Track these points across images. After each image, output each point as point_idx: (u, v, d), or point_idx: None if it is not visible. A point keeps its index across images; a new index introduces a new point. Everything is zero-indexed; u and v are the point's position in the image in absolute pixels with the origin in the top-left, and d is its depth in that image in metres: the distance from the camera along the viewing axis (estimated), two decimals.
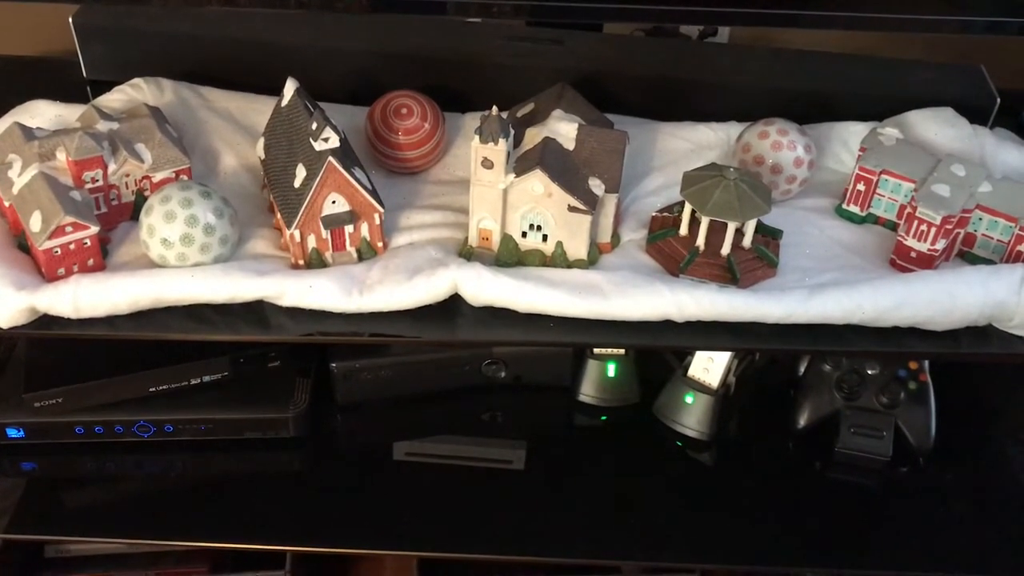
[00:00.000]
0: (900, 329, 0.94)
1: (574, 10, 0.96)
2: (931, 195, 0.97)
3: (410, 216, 1.01)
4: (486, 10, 1.00)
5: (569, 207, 0.93)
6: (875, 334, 0.94)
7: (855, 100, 1.14)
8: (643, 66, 1.17)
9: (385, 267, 0.95)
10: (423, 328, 0.93)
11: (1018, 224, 0.96)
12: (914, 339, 0.94)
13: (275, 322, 0.93)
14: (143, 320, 0.91)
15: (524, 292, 0.92)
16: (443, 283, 0.92)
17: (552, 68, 1.15)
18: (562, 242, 0.95)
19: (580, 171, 0.95)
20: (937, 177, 0.99)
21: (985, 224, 0.99)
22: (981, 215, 0.98)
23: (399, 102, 1.05)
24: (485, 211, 0.95)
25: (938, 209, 0.95)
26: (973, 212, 0.98)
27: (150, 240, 0.90)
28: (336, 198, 0.92)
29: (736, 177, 0.94)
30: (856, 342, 0.93)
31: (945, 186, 0.98)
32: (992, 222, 0.98)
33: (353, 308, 0.92)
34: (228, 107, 1.10)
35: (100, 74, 1.20)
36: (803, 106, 1.14)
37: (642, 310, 0.92)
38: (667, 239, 1.00)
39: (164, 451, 1.13)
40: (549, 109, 0.99)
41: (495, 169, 0.92)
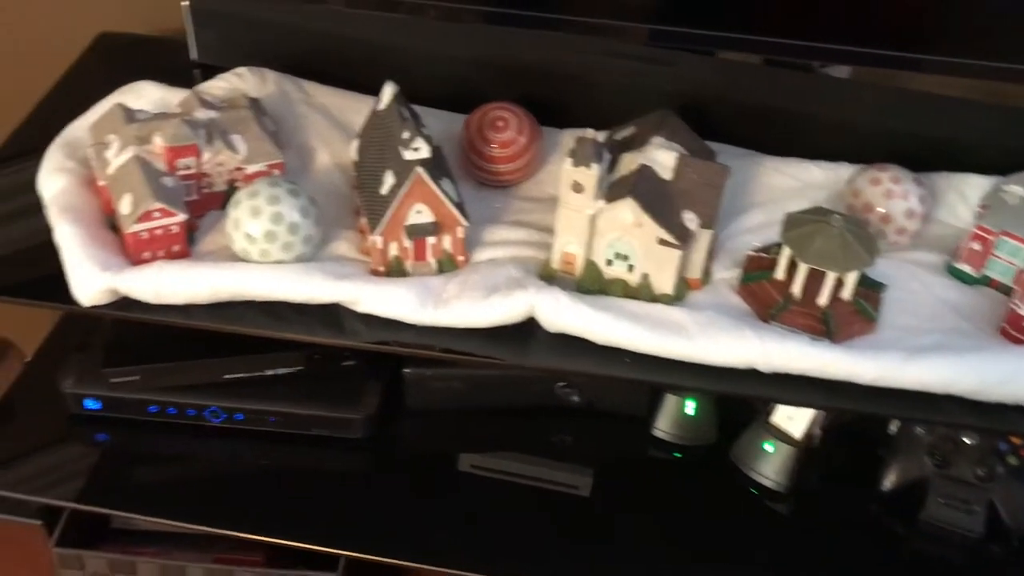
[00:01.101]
0: (1005, 404, 0.87)
1: (693, 36, 0.94)
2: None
3: (495, 231, 0.99)
4: (600, 30, 0.98)
5: (659, 240, 0.89)
6: (976, 407, 0.87)
7: (979, 149, 1.07)
8: (753, 94, 1.12)
9: (463, 282, 0.93)
10: (495, 348, 0.91)
11: None
12: (1020, 416, 0.87)
13: (349, 326, 0.92)
14: (220, 311, 0.91)
15: (602, 323, 0.89)
16: (520, 305, 0.90)
17: (659, 90, 1.11)
18: (648, 274, 0.92)
19: (675, 203, 0.91)
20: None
21: None
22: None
23: (496, 114, 1.03)
24: (571, 235, 0.92)
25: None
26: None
27: (235, 233, 0.90)
28: (421, 208, 0.91)
29: (842, 225, 0.89)
30: (954, 413, 0.87)
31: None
32: None
33: (427, 321, 0.90)
34: (327, 103, 1.10)
35: (208, 58, 1.21)
36: (921, 151, 1.07)
37: (726, 355, 0.88)
38: (761, 282, 0.95)
39: (231, 438, 1.14)
40: (649, 135, 0.95)
41: (585, 194, 0.88)
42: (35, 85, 1.19)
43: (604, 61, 1.12)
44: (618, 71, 1.12)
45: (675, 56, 1.12)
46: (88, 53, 1.25)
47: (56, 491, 1.09)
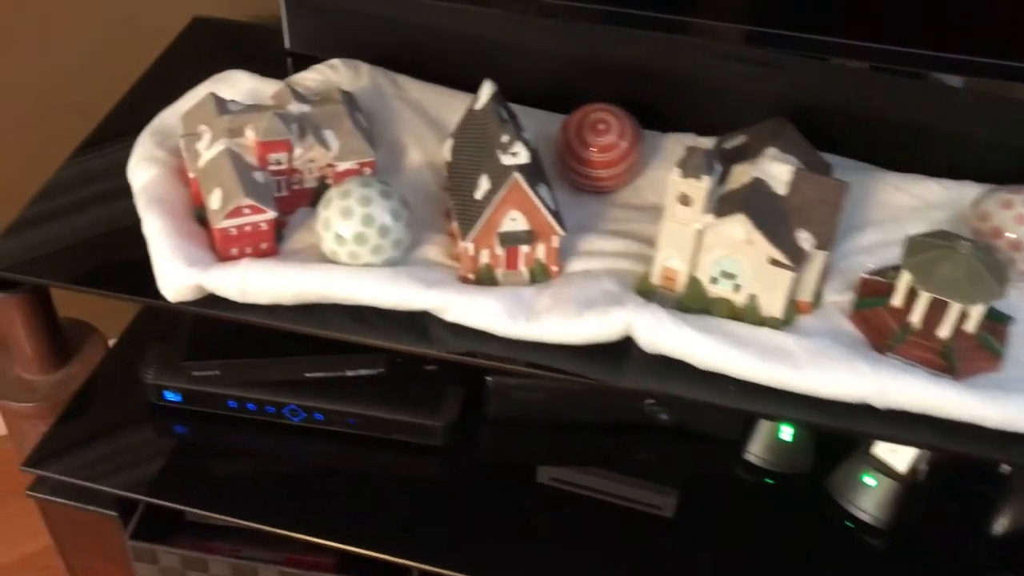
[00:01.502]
0: None
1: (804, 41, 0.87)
2: None
3: (591, 240, 0.94)
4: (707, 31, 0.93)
5: (770, 260, 0.83)
6: None
7: None
8: (870, 104, 1.04)
9: (557, 295, 0.88)
10: (587, 366, 0.86)
11: None
12: None
13: (435, 334, 0.88)
14: (305, 313, 0.88)
15: (706, 347, 0.83)
16: (616, 323, 0.85)
17: (768, 95, 1.05)
18: (756, 296, 0.86)
19: (789, 220, 0.85)
20: None
21: None
22: None
23: (597, 116, 0.98)
24: (674, 250, 0.86)
25: None
26: None
27: (325, 233, 0.87)
28: (516, 216, 0.86)
29: (970, 251, 0.82)
30: None
31: None
32: None
33: (517, 334, 0.86)
34: (421, 99, 1.06)
35: (302, 47, 1.19)
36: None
37: (837, 388, 0.82)
38: (877, 308, 0.88)
39: (309, 437, 1.12)
40: (763, 146, 0.89)
41: (693, 207, 0.83)
42: (128, 69, 1.17)
43: (711, 62, 1.06)
44: (726, 74, 1.05)
45: (786, 60, 1.06)
46: (182, 38, 1.23)
47: (132, 483, 1.08)
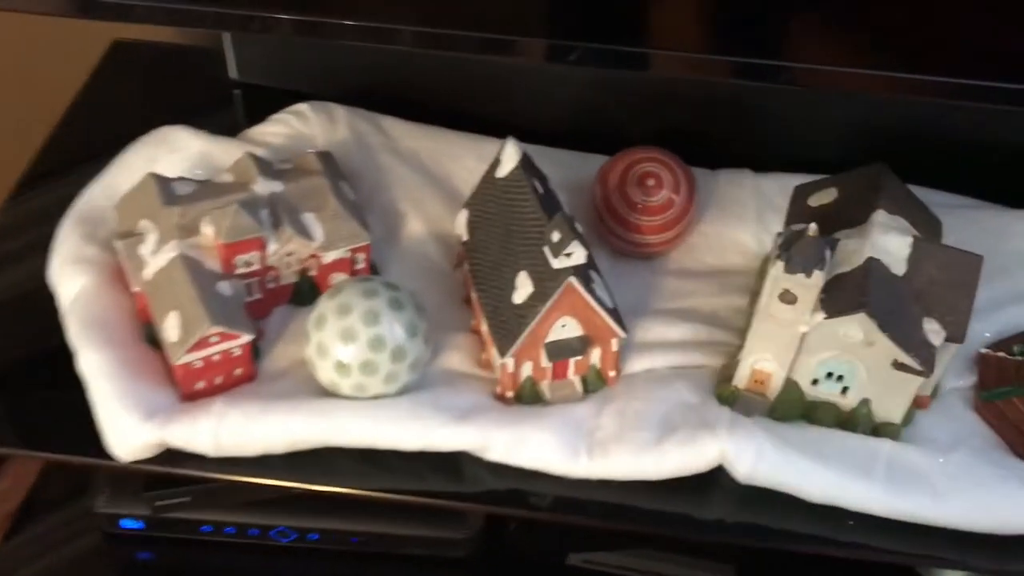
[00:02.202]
0: None
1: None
2: None
3: (647, 327, 0.76)
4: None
5: (895, 363, 0.66)
6: None
7: None
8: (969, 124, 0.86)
9: (621, 412, 0.70)
10: (666, 502, 0.69)
11: None
12: None
13: (471, 473, 0.70)
14: (303, 462, 0.69)
15: (820, 479, 0.66)
16: (707, 454, 0.67)
17: (839, 120, 0.87)
18: (870, 400, 0.69)
19: (912, 310, 0.67)
20: None
21: None
22: None
23: (645, 169, 0.78)
24: (768, 352, 0.69)
25: None
26: None
27: (320, 361, 0.67)
28: (567, 321, 0.67)
29: None
30: None
31: None
32: None
33: (580, 474, 0.68)
34: (416, 148, 0.85)
35: (252, 76, 0.97)
36: None
37: (988, 520, 0.65)
38: (1011, 400, 0.72)
39: (306, 558, 0.93)
40: (863, 204, 0.71)
41: (798, 306, 0.65)
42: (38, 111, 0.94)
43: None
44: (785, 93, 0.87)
45: None
46: (102, 68, 1.00)
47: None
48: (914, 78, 0.66)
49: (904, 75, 0.66)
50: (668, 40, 0.65)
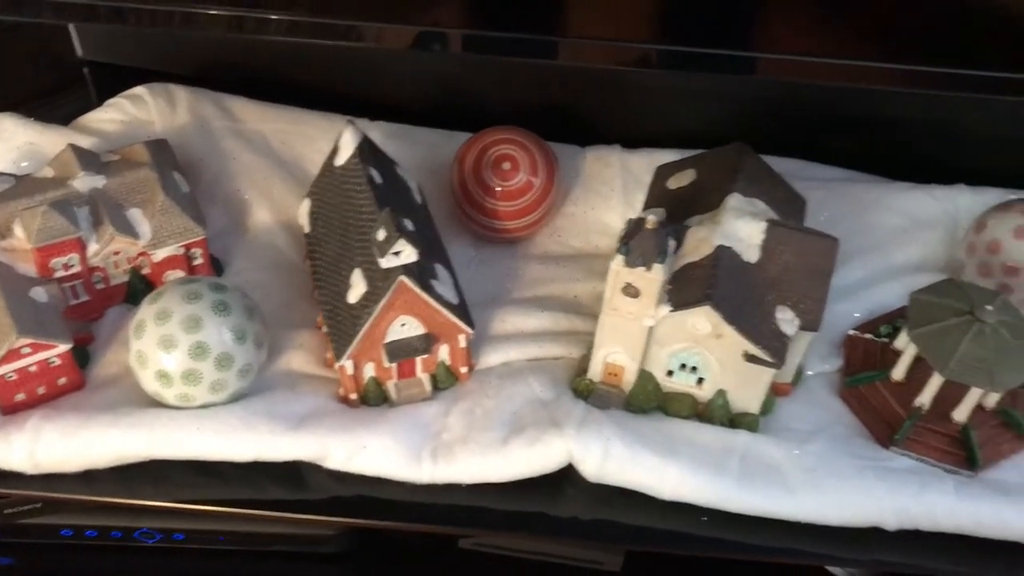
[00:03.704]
0: None
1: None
2: None
3: (504, 316, 0.72)
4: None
5: (746, 355, 0.63)
6: None
7: None
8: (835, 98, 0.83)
9: (470, 412, 0.67)
10: (516, 501, 0.66)
11: None
12: None
13: (314, 481, 0.66)
14: (132, 475, 0.65)
15: (671, 477, 0.63)
16: (553, 455, 0.64)
17: (711, 93, 0.83)
18: (726, 391, 0.67)
19: (765, 298, 0.65)
20: None
21: None
22: None
23: (500, 152, 0.74)
24: (618, 345, 0.66)
25: None
26: None
27: (141, 371, 0.63)
28: (407, 320, 0.64)
29: (996, 321, 0.63)
30: None
31: None
32: None
33: (424, 479, 0.65)
34: (265, 131, 0.80)
35: (99, 54, 0.90)
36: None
37: (843, 513, 0.63)
38: (874, 384, 0.70)
39: (174, 557, 0.90)
40: (719, 187, 0.68)
41: (643, 299, 0.62)
42: None
43: None
44: None
45: None
46: None
47: None
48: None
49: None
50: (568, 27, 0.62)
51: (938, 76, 0.64)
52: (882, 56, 0.63)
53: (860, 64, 0.64)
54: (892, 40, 0.63)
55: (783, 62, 0.66)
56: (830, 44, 0.64)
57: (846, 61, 0.65)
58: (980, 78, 0.63)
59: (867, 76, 0.65)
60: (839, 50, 0.64)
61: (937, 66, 0.65)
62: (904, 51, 0.63)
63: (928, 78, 0.66)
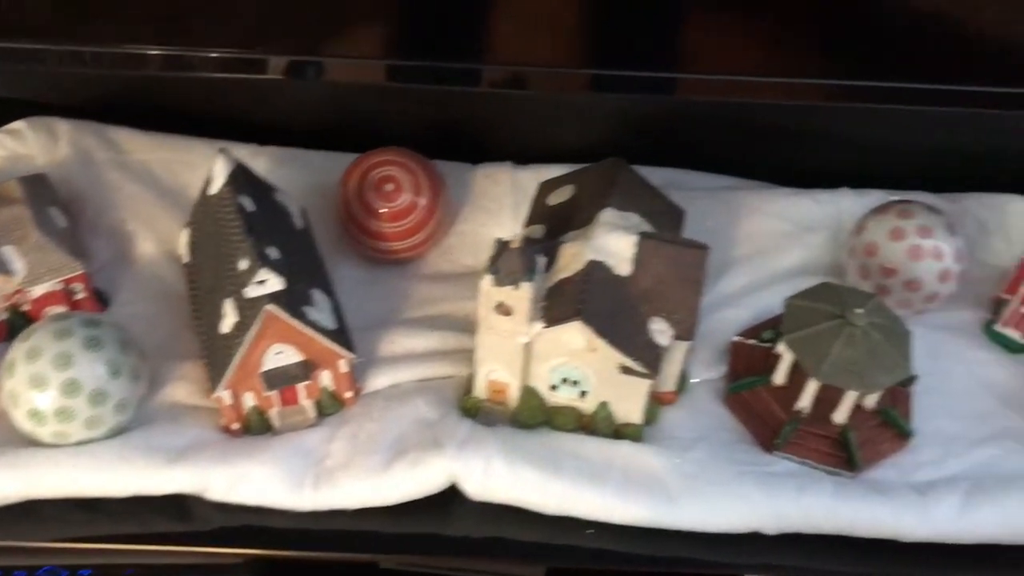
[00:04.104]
0: None
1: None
2: None
3: (394, 338, 0.73)
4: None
5: (621, 367, 0.64)
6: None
7: (1020, 162, 0.83)
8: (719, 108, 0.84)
9: (354, 437, 0.67)
10: (408, 523, 0.66)
11: None
12: None
13: (200, 513, 0.66)
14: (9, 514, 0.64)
15: (554, 492, 0.64)
16: (434, 477, 0.64)
17: (602, 107, 0.84)
18: (608, 403, 0.67)
19: (639, 310, 0.65)
20: None
21: None
22: None
23: (383, 173, 0.74)
24: (498, 363, 0.66)
25: None
26: None
27: (14, 410, 0.62)
28: (283, 348, 0.64)
29: (866, 323, 0.65)
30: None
31: None
32: None
33: (307, 506, 0.64)
34: (150, 161, 0.80)
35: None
36: (943, 167, 0.83)
37: (722, 520, 0.64)
38: (756, 389, 0.71)
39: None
40: (595, 201, 0.69)
41: (515, 317, 0.62)
42: None
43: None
44: None
45: None
46: None
47: None
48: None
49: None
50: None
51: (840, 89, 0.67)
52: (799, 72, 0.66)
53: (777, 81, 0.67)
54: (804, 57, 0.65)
55: (699, 81, 0.69)
56: (745, 63, 0.67)
57: (760, 79, 0.68)
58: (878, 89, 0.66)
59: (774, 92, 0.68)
60: (754, 68, 0.67)
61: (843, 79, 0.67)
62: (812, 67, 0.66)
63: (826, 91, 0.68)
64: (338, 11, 0.67)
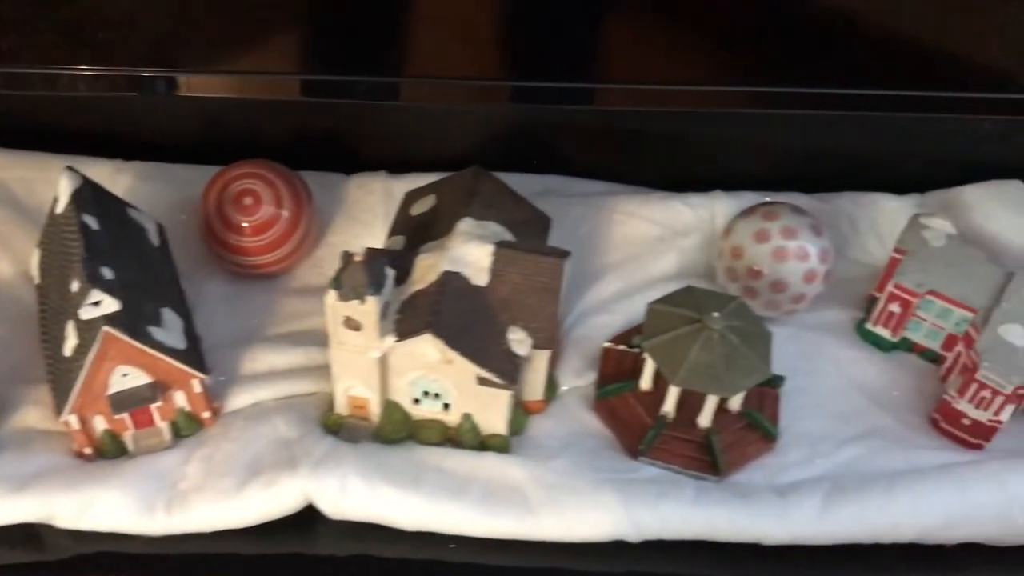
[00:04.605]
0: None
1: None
2: (999, 347, 0.68)
3: (256, 356, 0.71)
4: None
5: (479, 379, 0.63)
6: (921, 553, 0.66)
7: (891, 162, 0.83)
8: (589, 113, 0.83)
9: (209, 459, 0.65)
10: (271, 544, 0.65)
11: None
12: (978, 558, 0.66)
13: (52, 541, 0.64)
14: None
15: (412, 508, 0.63)
16: (288, 496, 0.63)
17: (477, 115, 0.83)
18: (471, 414, 0.66)
19: (496, 320, 0.64)
20: (1007, 310, 0.70)
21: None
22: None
23: (242, 187, 0.73)
24: (355, 378, 0.65)
25: (1010, 373, 0.66)
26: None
27: None
28: (129, 371, 0.62)
29: (722, 326, 0.64)
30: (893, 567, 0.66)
31: (1019, 327, 0.69)
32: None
33: (159, 531, 0.63)
34: (7, 179, 0.77)
35: None
36: (817, 169, 0.84)
37: (584, 531, 0.64)
38: (624, 395, 0.70)
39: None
40: (454, 211, 0.68)
41: (365, 331, 0.61)
42: None
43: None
44: None
45: None
46: None
47: None
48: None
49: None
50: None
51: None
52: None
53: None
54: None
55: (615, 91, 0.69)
56: (660, 73, 0.67)
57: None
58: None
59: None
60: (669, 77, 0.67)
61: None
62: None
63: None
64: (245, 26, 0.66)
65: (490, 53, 0.68)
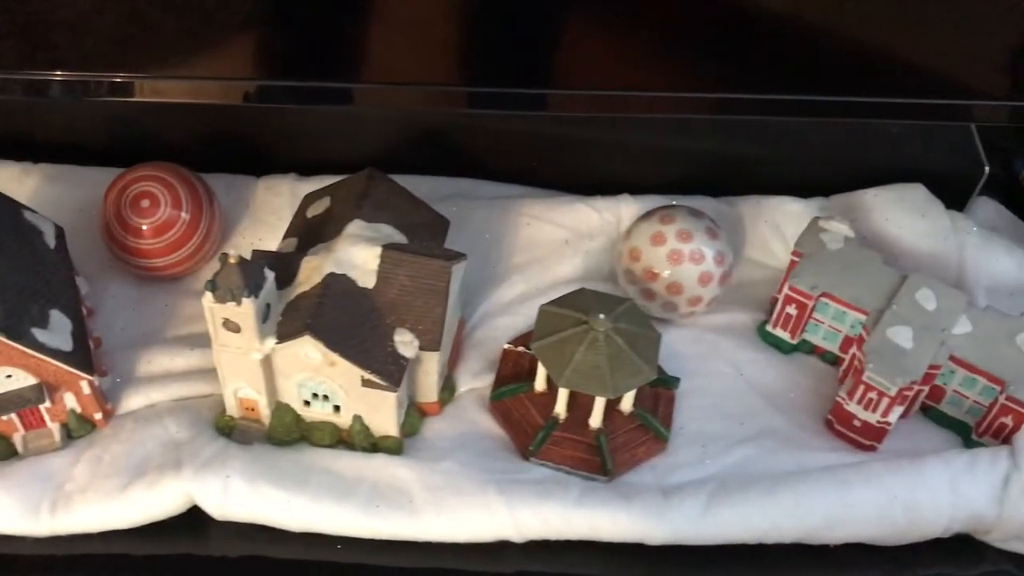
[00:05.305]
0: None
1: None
2: (886, 348, 0.68)
3: (151, 357, 0.71)
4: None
5: (363, 381, 0.64)
6: (806, 553, 0.67)
7: (799, 165, 0.84)
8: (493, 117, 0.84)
9: (98, 459, 0.65)
10: (162, 544, 0.65)
11: (1004, 390, 0.68)
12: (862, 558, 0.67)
13: None
14: None
15: (296, 509, 0.63)
16: (171, 497, 0.63)
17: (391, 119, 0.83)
18: (362, 416, 0.67)
19: (383, 322, 0.65)
20: (897, 312, 0.71)
21: (959, 379, 0.71)
22: (954, 368, 0.70)
23: (139, 189, 0.73)
24: (241, 380, 0.65)
25: (894, 375, 0.67)
26: (944, 365, 0.70)
27: None
28: (13, 372, 0.62)
29: (608, 328, 0.65)
30: (780, 566, 0.66)
31: (907, 329, 0.70)
32: (969, 379, 0.70)
33: (43, 532, 0.63)
34: None
35: None
36: (722, 172, 0.84)
37: (467, 531, 0.64)
38: (518, 396, 0.71)
39: None
40: (345, 213, 0.68)
41: (244, 333, 0.62)
42: None
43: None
44: None
45: None
46: None
47: None
48: None
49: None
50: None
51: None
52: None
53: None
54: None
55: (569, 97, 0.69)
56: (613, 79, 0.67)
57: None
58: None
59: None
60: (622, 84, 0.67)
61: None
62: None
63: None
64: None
65: (445, 59, 0.68)
